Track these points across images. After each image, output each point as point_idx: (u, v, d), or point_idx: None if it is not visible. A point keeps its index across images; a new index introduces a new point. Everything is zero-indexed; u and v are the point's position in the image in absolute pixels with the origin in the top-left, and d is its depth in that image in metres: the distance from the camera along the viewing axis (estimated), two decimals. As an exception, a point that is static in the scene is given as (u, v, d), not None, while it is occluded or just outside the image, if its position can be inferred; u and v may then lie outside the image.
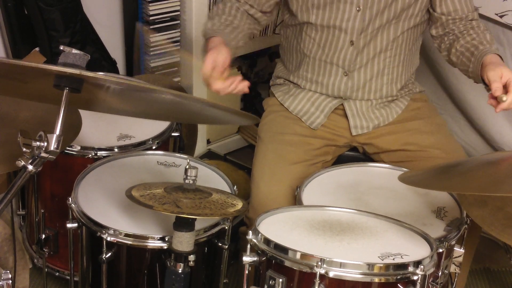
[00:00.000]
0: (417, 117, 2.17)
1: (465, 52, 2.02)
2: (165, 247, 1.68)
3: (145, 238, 1.70)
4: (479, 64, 1.92)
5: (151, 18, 2.74)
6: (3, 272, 1.50)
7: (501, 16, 2.46)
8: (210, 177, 1.98)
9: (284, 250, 1.50)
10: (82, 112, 1.83)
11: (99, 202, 1.82)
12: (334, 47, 2.08)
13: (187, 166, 1.64)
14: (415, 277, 1.48)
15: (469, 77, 2.03)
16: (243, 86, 1.87)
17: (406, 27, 2.07)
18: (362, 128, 2.13)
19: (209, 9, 2.84)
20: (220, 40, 1.98)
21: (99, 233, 1.71)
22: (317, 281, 1.45)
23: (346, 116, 2.14)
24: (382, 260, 1.51)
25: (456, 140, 2.21)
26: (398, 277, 1.47)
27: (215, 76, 1.86)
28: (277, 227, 1.63)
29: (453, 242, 1.76)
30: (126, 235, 1.70)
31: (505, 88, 1.80)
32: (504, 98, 1.77)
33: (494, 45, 2.02)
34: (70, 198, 1.81)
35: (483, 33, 2.05)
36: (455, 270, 1.84)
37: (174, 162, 2.03)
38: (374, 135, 2.15)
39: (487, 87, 1.87)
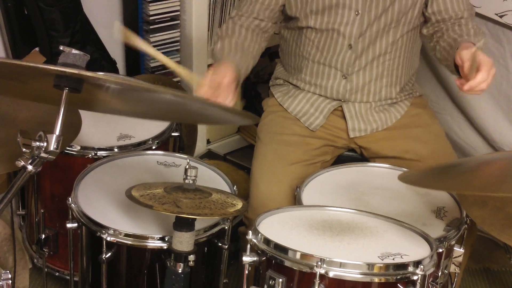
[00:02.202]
0: (416, 125, 2.16)
1: (446, 47, 1.98)
2: (165, 247, 1.68)
3: (145, 238, 1.70)
4: (454, 54, 1.86)
5: (151, 18, 2.74)
6: (3, 272, 1.50)
7: (501, 16, 2.46)
8: (210, 177, 1.98)
9: (284, 250, 1.50)
10: (82, 112, 1.83)
11: (99, 202, 1.82)
12: (332, 51, 2.08)
13: (187, 166, 1.64)
14: (415, 277, 1.48)
15: (451, 73, 1.97)
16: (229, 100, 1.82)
17: (406, 30, 2.07)
18: (360, 130, 2.13)
19: (209, 9, 2.85)
20: (230, 65, 1.91)
21: (99, 233, 1.71)
22: (317, 281, 1.45)
23: (345, 117, 2.14)
24: (382, 260, 1.51)
25: (452, 149, 2.20)
26: (398, 277, 1.47)
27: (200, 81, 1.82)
28: (277, 227, 1.63)
29: (453, 242, 1.76)
30: (126, 235, 1.70)
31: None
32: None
33: (477, 37, 1.94)
34: (70, 198, 1.81)
35: (467, 28, 1.99)
36: (455, 270, 1.84)
37: (174, 162, 2.03)
38: (371, 139, 2.14)
39: (459, 74, 1.83)
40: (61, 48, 1.40)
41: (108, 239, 1.70)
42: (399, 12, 2.02)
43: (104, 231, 1.71)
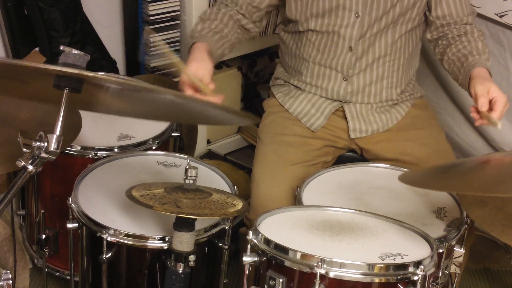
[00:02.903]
0: (416, 126, 2.16)
1: (456, 61, 2.00)
2: (165, 247, 1.68)
3: (145, 238, 1.70)
4: (467, 77, 1.90)
5: (151, 18, 2.74)
6: (3, 272, 1.50)
7: (501, 16, 2.46)
8: (210, 177, 1.98)
9: (284, 250, 1.50)
10: (82, 112, 1.84)
11: (99, 202, 1.82)
12: (333, 53, 2.08)
13: (187, 166, 1.64)
14: (416, 277, 1.48)
15: (459, 85, 2.02)
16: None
17: (404, 31, 2.07)
18: (361, 131, 2.13)
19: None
20: (205, 48, 1.97)
21: (99, 233, 1.72)
22: (317, 281, 1.45)
23: (346, 118, 2.14)
24: (382, 260, 1.51)
25: (452, 151, 2.20)
26: (399, 277, 1.47)
27: (202, 87, 1.84)
28: (277, 227, 1.63)
29: (453, 242, 1.76)
30: (126, 235, 1.70)
31: (490, 104, 1.78)
32: (499, 126, 1.74)
33: (485, 54, 1.98)
34: (70, 198, 1.81)
35: (475, 41, 2.02)
36: (455, 270, 1.84)
37: (174, 162, 2.03)
38: (372, 141, 2.14)
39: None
40: (61, 48, 1.41)
41: (109, 239, 1.70)
42: (400, 14, 2.02)
43: (104, 231, 1.71)
